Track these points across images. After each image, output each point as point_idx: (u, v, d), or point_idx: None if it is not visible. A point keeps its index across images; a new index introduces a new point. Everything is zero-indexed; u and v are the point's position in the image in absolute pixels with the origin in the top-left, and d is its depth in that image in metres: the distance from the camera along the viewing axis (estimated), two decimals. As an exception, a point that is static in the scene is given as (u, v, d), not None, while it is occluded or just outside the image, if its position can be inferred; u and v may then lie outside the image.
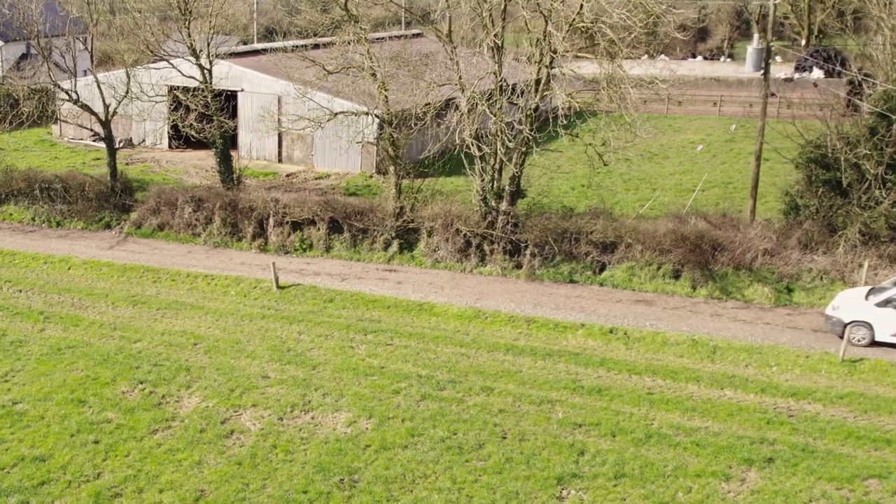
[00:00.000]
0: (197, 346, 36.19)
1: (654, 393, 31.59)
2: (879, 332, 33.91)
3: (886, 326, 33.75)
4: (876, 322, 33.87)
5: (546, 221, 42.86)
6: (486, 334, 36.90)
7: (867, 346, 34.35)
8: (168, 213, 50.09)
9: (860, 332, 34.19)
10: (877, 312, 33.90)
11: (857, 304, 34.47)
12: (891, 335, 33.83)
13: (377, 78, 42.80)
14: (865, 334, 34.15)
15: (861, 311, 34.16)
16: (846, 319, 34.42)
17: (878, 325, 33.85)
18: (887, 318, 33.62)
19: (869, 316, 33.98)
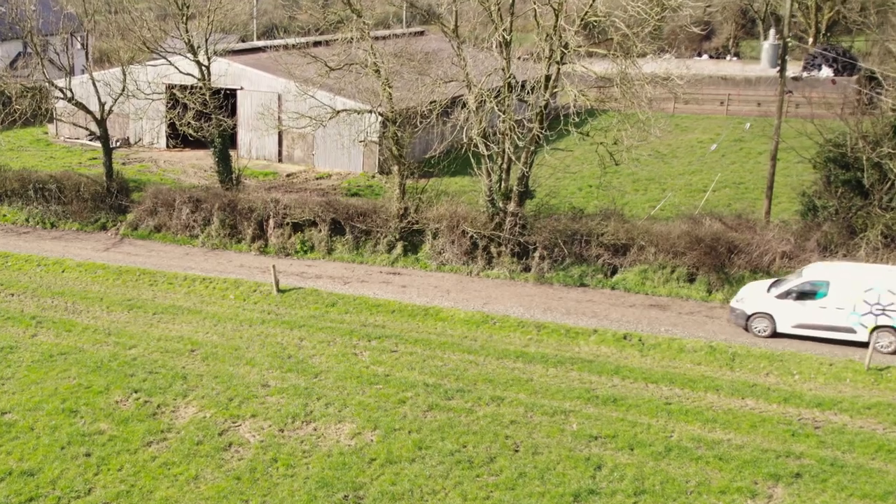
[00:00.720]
0: (194, 352, 34.83)
1: (671, 403, 30.20)
2: (780, 323, 34.48)
3: (787, 317, 34.31)
4: (777, 313, 34.46)
5: (555, 223, 41.48)
6: (495, 340, 35.52)
7: (769, 337, 34.70)
8: (165, 214, 48.73)
9: (762, 323, 34.74)
10: (777, 304, 34.40)
11: (760, 296, 35.03)
12: (791, 326, 34.33)
13: (381, 74, 41.39)
14: (767, 325, 34.66)
15: (763, 303, 34.70)
16: (749, 311, 34.99)
17: (778, 317, 34.46)
18: (787, 309, 34.19)
19: (770, 307, 34.51)
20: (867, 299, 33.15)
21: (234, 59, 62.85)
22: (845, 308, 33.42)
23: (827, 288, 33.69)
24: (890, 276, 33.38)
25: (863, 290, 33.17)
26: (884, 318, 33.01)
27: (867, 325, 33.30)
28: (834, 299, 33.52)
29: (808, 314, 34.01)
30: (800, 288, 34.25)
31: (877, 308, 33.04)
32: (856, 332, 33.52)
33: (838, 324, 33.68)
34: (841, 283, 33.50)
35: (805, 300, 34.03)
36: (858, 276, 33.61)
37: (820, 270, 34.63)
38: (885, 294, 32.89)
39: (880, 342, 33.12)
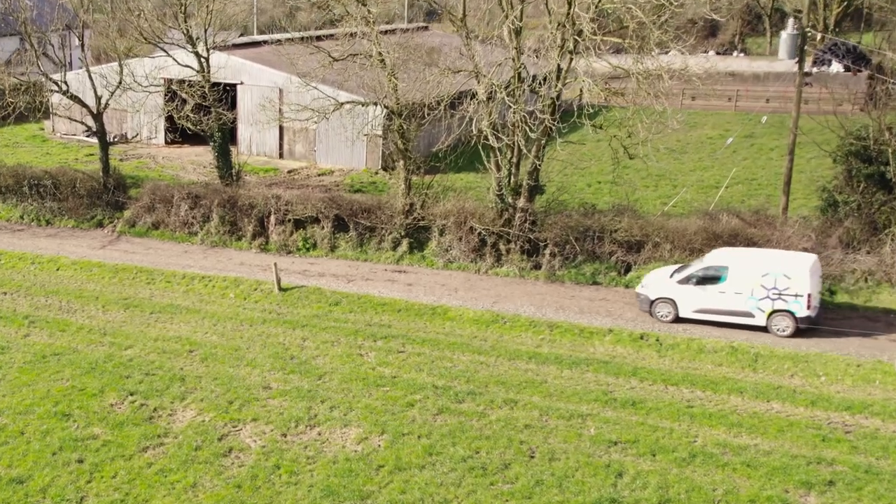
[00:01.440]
0: (193, 353, 33.43)
1: (693, 406, 28.77)
2: (682, 308, 34.54)
3: (688, 302, 34.39)
4: (678, 298, 34.55)
5: (566, 219, 40.07)
6: (506, 341, 34.11)
7: (672, 322, 34.72)
8: (163, 211, 47.33)
9: (665, 308, 34.86)
10: (679, 289, 34.51)
11: (662, 281, 35.16)
12: (692, 311, 34.41)
13: (386, 65, 39.93)
14: (670, 311, 34.77)
15: (665, 289, 34.86)
16: (652, 296, 35.18)
17: (680, 302, 34.54)
18: (688, 294, 34.28)
19: (672, 293, 34.65)
20: (764, 284, 33.22)
21: (234, 54, 61.42)
22: (743, 293, 33.51)
23: (726, 273, 33.79)
24: (786, 260, 33.58)
25: (760, 274, 33.27)
26: (780, 303, 33.14)
27: (765, 309, 33.44)
28: (733, 284, 33.62)
29: (708, 299, 34.06)
30: (700, 273, 34.31)
31: (773, 293, 33.14)
32: (754, 317, 33.66)
33: (737, 308, 33.76)
34: (739, 269, 33.63)
35: (705, 285, 34.06)
36: (756, 262, 33.74)
37: (720, 256, 34.78)
38: (781, 278, 32.96)
39: (777, 326, 33.37)
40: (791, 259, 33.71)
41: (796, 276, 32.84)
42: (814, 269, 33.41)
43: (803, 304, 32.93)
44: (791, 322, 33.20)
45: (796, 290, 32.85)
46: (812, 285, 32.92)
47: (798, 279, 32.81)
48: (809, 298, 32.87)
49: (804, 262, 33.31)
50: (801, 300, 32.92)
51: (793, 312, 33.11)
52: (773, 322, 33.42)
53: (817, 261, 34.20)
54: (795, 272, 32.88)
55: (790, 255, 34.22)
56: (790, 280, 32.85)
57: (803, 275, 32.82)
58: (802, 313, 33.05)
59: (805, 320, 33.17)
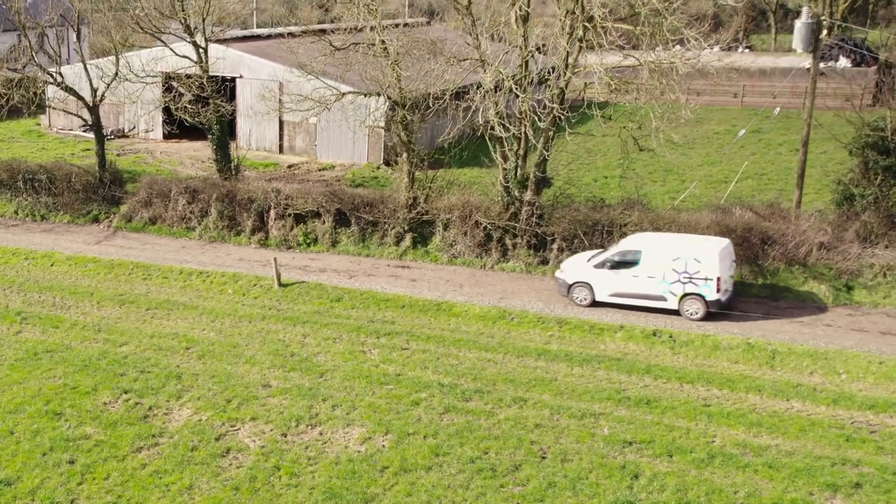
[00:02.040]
0: (190, 350, 32.33)
1: (710, 405, 27.64)
2: (598, 291, 34.83)
3: (603, 286, 34.66)
4: (594, 282, 34.82)
5: (574, 212, 38.93)
6: (514, 337, 32.98)
7: (589, 306, 34.96)
8: (160, 206, 46.21)
9: (582, 292, 35.12)
10: (595, 273, 34.79)
11: (580, 266, 35.38)
12: (608, 295, 34.66)
13: (389, 54, 38.76)
14: (587, 294, 35.05)
15: (582, 273, 35.11)
16: (570, 281, 35.41)
17: (596, 286, 34.83)
18: (604, 278, 34.57)
19: (588, 277, 34.91)
20: (675, 268, 33.42)
21: (233, 46, 60.34)
22: (656, 277, 33.76)
23: (640, 258, 34.05)
24: (696, 245, 33.72)
25: (671, 259, 33.47)
26: (691, 286, 33.29)
27: (676, 293, 33.61)
28: (646, 268, 33.90)
29: (622, 283, 34.32)
30: (615, 258, 34.55)
31: (684, 276, 33.32)
32: (666, 300, 33.85)
33: (650, 292, 33.99)
34: (652, 253, 33.87)
35: (620, 270, 34.35)
36: (667, 246, 33.98)
37: (634, 241, 35.07)
38: (692, 262, 33.12)
39: (689, 310, 33.54)
40: (702, 243, 33.79)
41: (706, 260, 32.90)
42: (724, 253, 33.42)
43: (713, 288, 32.94)
44: (702, 306, 33.27)
45: (706, 273, 32.91)
46: (721, 269, 32.95)
47: (708, 263, 32.87)
48: (719, 282, 32.89)
49: (714, 247, 33.37)
50: (710, 284, 32.95)
51: (703, 296, 33.15)
52: (685, 306, 33.58)
53: (729, 245, 34.26)
54: (705, 256, 32.95)
55: (701, 240, 34.31)
56: (700, 264, 32.94)
57: (713, 259, 32.85)
58: (712, 297, 33.07)
59: (715, 304, 33.20)
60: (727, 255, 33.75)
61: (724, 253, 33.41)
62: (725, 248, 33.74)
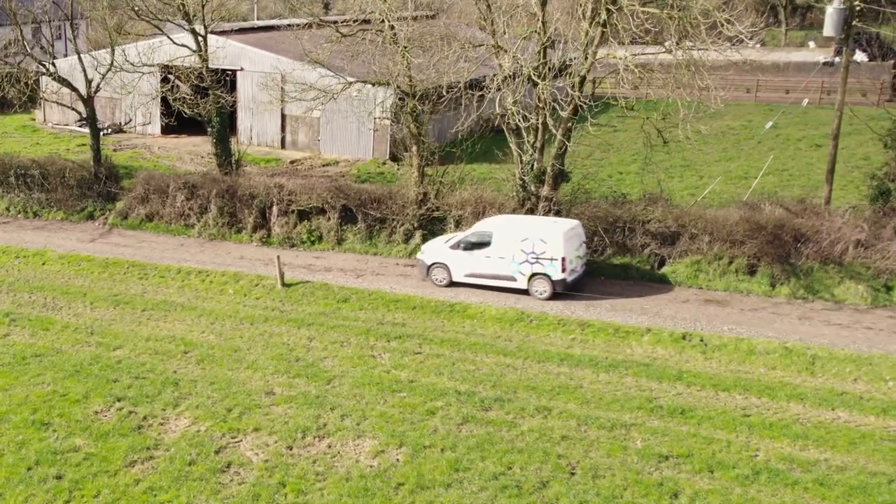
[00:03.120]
0: (188, 354, 30.31)
1: (750, 414, 25.58)
2: (455, 272, 35.36)
3: (459, 267, 35.20)
4: (451, 263, 35.34)
5: (594, 208, 36.90)
6: (533, 341, 30.94)
7: (447, 286, 35.40)
8: (158, 202, 44.21)
9: (440, 273, 35.67)
10: (451, 254, 35.34)
11: (438, 248, 36.01)
12: (464, 275, 35.20)
13: (399, 41, 36.66)
14: (445, 275, 35.58)
15: (440, 254, 35.69)
16: (428, 262, 35.98)
17: (452, 266, 35.34)
18: (459, 259, 35.10)
19: (445, 258, 35.46)
20: (524, 248, 33.95)
21: (234, 37, 58.29)
22: (506, 257, 34.30)
23: (491, 239, 34.54)
24: (543, 226, 34.26)
25: (520, 239, 33.97)
26: (538, 266, 33.85)
27: (525, 272, 34.16)
28: (497, 249, 34.42)
29: (476, 264, 34.86)
30: (469, 239, 35.06)
31: (532, 257, 33.87)
32: (516, 280, 34.43)
33: (501, 272, 34.53)
34: (502, 234, 34.37)
35: (473, 250, 34.85)
36: (517, 228, 34.44)
37: (486, 223, 35.59)
38: (538, 243, 33.65)
39: (537, 289, 34.08)
40: (549, 225, 34.32)
41: (552, 240, 33.45)
42: (570, 234, 33.94)
43: (558, 268, 33.52)
44: (548, 285, 33.84)
45: (552, 254, 33.49)
46: (567, 250, 33.51)
47: (553, 244, 33.42)
48: (564, 262, 33.49)
49: (560, 228, 33.85)
50: (556, 264, 33.52)
51: (549, 276, 33.72)
52: (533, 285, 34.14)
53: (578, 227, 34.80)
54: (551, 237, 33.50)
55: (549, 221, 34.85)
56: (546, 244, 33.49)
57: (558, 239, 33.37)
58: (558, 276, 33.63)
59: (561, 283, 33.74)
60: (574, 236, 34.27)
61: (570, 234, 33.91)
62: (572, 229, 34.23)
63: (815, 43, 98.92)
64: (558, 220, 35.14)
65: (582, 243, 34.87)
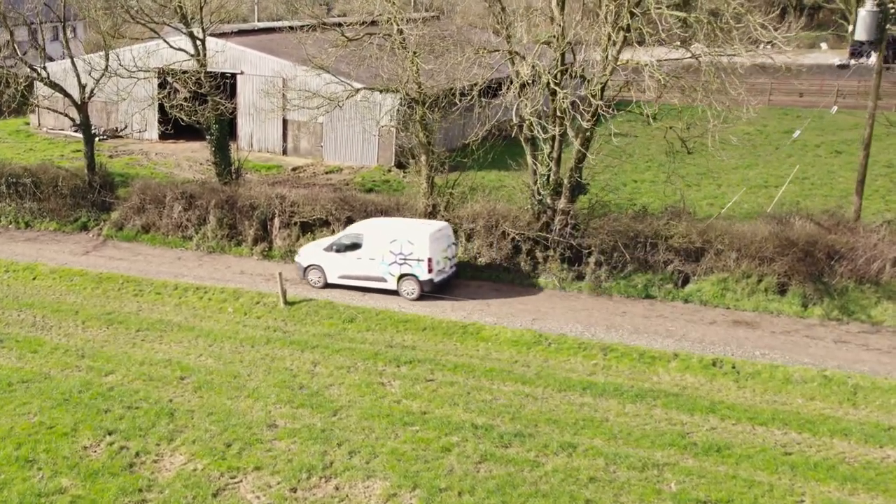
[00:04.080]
0: (184, 380, 28.42)
1: (792, 453, 23.65)
2: (329, 274, 35.72)
3: (333, 269, 35.60)
4: (325, 265, 35.71)
5: (614, 222, 34.98)
6: (553, 366, 29.02)
7: (322, 287, 35.75)
8: (154, 213, 42.30)
9: (316, 274, 36.01)
10: (326, 256, 35.68)
11: (314, 250, 36.31)
12: (338, 277, 35.59)
13: (408, 46, 34.71)
14: (320, 277, 35.92)
15: (315, 257, 35.99)
16: (304, 264, 36.29)
17: (327, 268, 35.71)
18: (333, 261, 35.49)
19: (320, 260, 35.81)
20: (392, 250, 34.44)
21: (233, 40, 56.35)
22: (376, 258, 34.79)
23: (362, 241, 35.05)
24: (410, 228, 34.75)
25: (389, 241, 34.50)
26: (406, 267, 34.34)
27: (394, 273, 34.63)
28: (368, 251, 34.90)
29: (349, 265, 35.29)
30: (341, 241, 35.48)
31: (400, 258, 34.33)
32: (386, 281, 34.86)
33: (372, 273, 35.00)
34: (372, 236, 34.92)
35: (346, 252, 35.24)
36: (386, 229, 35.01)
37: (358, 225, 36.23)
38: (406, 244, 34.15)
39: (405, 290, 34.58)
40: (416, 226, 34.88)
41: (418, 242, 33.94)
42: (437, 235, 34.34)
43: (425, 269, 33.98)
44: (416, 286, 34.30)
45: (418, 255, 33.97)
46: (433, 251, 33.92)
47: (420, 245, 33.90)
48: (430, 263, 33.91)
49: (426, 229, 34.32)
50: (422, 265, 33.99)
51: (417, 276, 34.16)
52: (402, 286, 34.64)
53: (446, 228, 35.18)
54: (418, 238, 33.97)
55: (417, 223, 35.40)
56: (413, 246, 33.97)
57: (424, 241, 33.85)
58: (425, 277, 34.07)
59: (428, 284, 34.18)
60: (441, 237, 34.65)
61: (436, 235, 34.30)
62: (440, 230, 34.66)
63: (826, 44, 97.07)
64: (427, 221, 35.69)
65: (451, 245, 35.22)
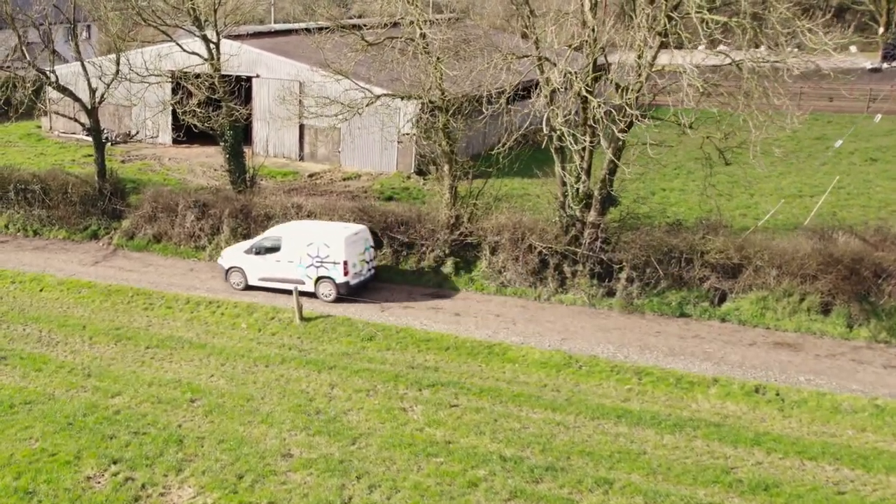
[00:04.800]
0: (195, 403, 26.94)
1: (845, 492, 21.96)
2: (250, 276, 35.91)
3: (254, 271, 35.79)
4: (246, 267, 35.92)
5: (646, 236, 33.26)
6: (584, 391, 27.35)
7: (244, 289, 35.89)
8: (166, 221, 40.83)
9: (237, 276, 36.20)
10: (247, 259, 35.91)
11: (235, 253, 36.45)
12: (258, 279, 35.74)
13: (431, 50, 33.10)
14: (241, 279, 36.10)
15: (236, 259, 36.19)
16: (226, 266, 36.51)
17: (248, 270, 35.92)
18: (253, 263, 35.73)
19: (241, 262, 36.04)
20: (310, 252, 34.60)
21: (249, 43, 54.83)
22: (294, 261, 34.92)
23: (281, 243, 35.24)
24: (327, 231, 34.94)
25: (306, 244, 34.70)
26: (323, 270, 34.49)
27: (312, 276, 34.73)
28: (286, 253, 35.07)
29: (268, 268, 35.46)
30: (261, 244, 35.67)
31: (317, 260, 34.46)
32: (304, 283, 34.77)
33: (290, 276, 34.97)
34: (291, 239, 35.09)
35: (266, 255, 35.45)
36: (304, 232, 35.20)
37: (277, 228, 36.45)
38: (322, 247, 34.35)
39: (323, 292, 34.70)
40: (332, 229, 35.07)
41: (334, 244, 34.15)
42: (353, 239, 34.60)
43: (340, 271, 34.15)
44: (332, 288, 34.48)
45: (334, 258, 34.14)
46: (348, 254, 34.14)
47: (335, 248, 34.11)
48: (346, 265, 34.12)
49: (342, 232, 34.52)
50: (338, 267, 34.17)
51: (333, 279, 34.32)
52: (319, 288, 34.74)
53: (363, 231, 35.41)
54: (333, 241, 34.19)
55: (335, 226, 35.54)
56: (330, 249, 34.19)
57: (339, 244, 34.06)
58: (340, 279, 34.27)
59: (344, 286, 34.37)
60: (358, 240, 34.84)
61: (352, 239, 34.51)
62: (356, 234, 34.87)
63: (856, 47, 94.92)
64: (345, 225, 35.82)
65: (368, 248, 35.39)
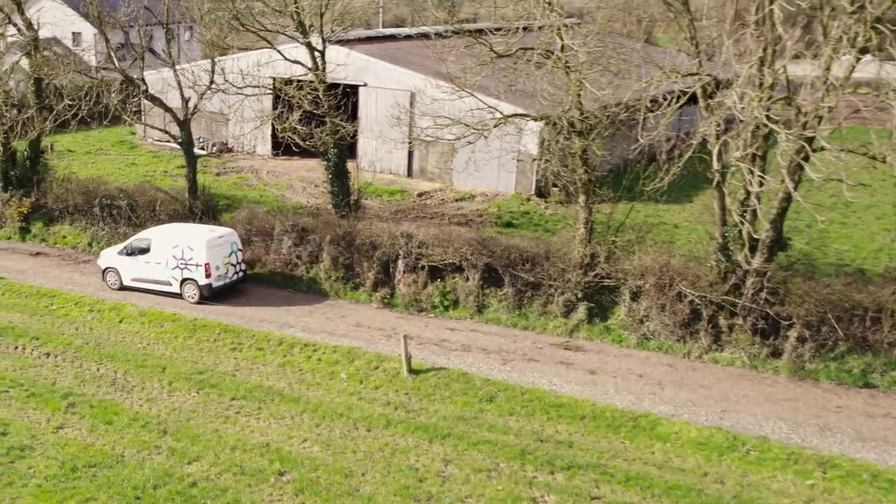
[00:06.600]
0: (284, 477, 22.70)
1: None
2: (124, 276, 36.03)
3: (127, 272, 35.92)
4: (120, 268, 36.06)
5: (823, 288, 27.85)
6: (756, 485, 22.17)
7: (119, 289, 35.89)
8: (261, 246, 36.95)
9: (112, 277, 36.29)
10: (120, 260, 36.05)
11: (112, 253, 36.44)
12: (131, 280, 35.85)
13: (573, 64, 28.20)
14: (116, 279, 36.19)
15: (112, 260, 36.32)
16: (103, 266, 36.62)
17: (122, 271, 36.05)
18: (126, 264, 35.85)
19: (116, 263, 36.17)
20: (175, 255, 34.69)
21: (357, 49, 50.66)
22: (162, 263, 35.08)
23: (150, 245, 35.36)
24: (191, 234, 34.90)
25: (172, 246, 34.80)
26: (187, 272, 34.57)
27: (177, 278, 34.83)
28: (155, 255, 35.24)
29: (139, 269, 35.61)
30: (133, 245, 35.80)
31: (182, 263, 34.56)
32: (171, 285, 35.04)
33: (159, 277, 35.20)
34: (159, 241, 35.21)
35: (137, 256, 35.60)
36: (171, 235, 35.21)
37: (148, 230, 36.41)
38: (187, 250, 34.44)
39: (187, 293, 34.73)
40: (197, 232, 35.02)
41: (197, 247, 34.24)
42: (217, 242, 34.53)
43: (202, 274, 34.22)
44: (196, 290, 34.50)
45: (197, 260, 34.23)
46: (210, 256, 34.15)
47: (198, 250, 34.20)
48: (207, 268, 34.17)
49: (206, 236, 34.45)
50: (201, 269, 34.25)
51: (196, 281, 34.37)
52: (185, 290, 34.85)
53: (230, 235, 35.25)
54: (196, 244, 34.27)
55: (201, 229, 35.46)
56: (193, 251, 34.29)
57: (202, 246, 34.11)
58: (203, 281, 34.33)
59: (207, 288, 34.35)
60: (223, 244, 34.71)
61: (216, 242, 34.44)
62: (220, 237, 34.77)
63: None
64: (211, 228, 35.80)
65: (234, 252, 35.13)
